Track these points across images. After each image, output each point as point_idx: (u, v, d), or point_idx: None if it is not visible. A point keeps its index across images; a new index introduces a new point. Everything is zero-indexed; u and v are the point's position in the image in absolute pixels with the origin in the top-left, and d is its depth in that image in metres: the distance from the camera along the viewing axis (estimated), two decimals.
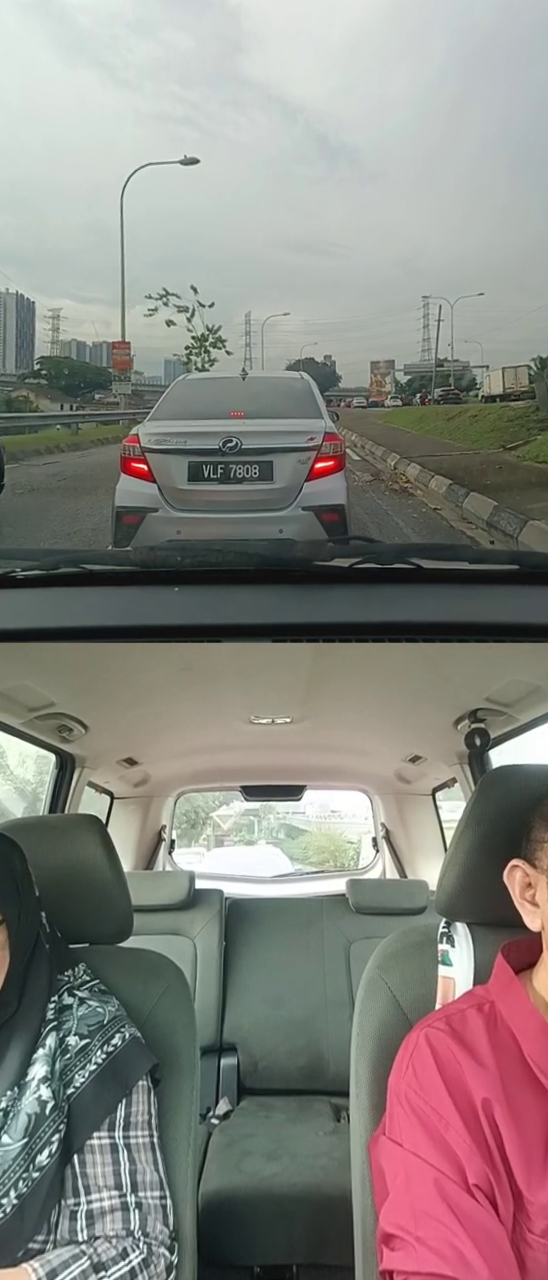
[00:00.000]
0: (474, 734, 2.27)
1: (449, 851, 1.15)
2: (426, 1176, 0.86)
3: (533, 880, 0.96)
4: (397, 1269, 0.84)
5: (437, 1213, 0.83)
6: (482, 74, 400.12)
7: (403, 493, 10.52)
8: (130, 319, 55.64)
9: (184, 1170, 1.17)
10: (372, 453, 16.45)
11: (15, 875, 1.13)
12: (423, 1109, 0.90)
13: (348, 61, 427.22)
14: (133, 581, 1.26)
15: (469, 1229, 0.82)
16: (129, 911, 1.34)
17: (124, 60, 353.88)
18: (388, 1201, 0.89)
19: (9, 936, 1.09)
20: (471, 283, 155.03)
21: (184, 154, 24.94)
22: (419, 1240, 0.83)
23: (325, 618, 1.15)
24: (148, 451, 4.46)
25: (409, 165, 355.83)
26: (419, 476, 11.50)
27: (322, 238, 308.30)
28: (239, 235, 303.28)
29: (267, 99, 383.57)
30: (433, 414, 25.42)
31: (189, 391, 5.63)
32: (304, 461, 4.42)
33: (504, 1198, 0.86)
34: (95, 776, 2.91)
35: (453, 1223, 0.82)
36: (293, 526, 4.29)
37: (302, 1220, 1.90)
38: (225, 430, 4.46)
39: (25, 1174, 0.99)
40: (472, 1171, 0.85)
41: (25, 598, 1.22)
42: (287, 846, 4.92)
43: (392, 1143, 0.92)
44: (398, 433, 20.96)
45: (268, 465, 4.44)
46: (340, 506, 4.42)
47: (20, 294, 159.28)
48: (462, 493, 9.08)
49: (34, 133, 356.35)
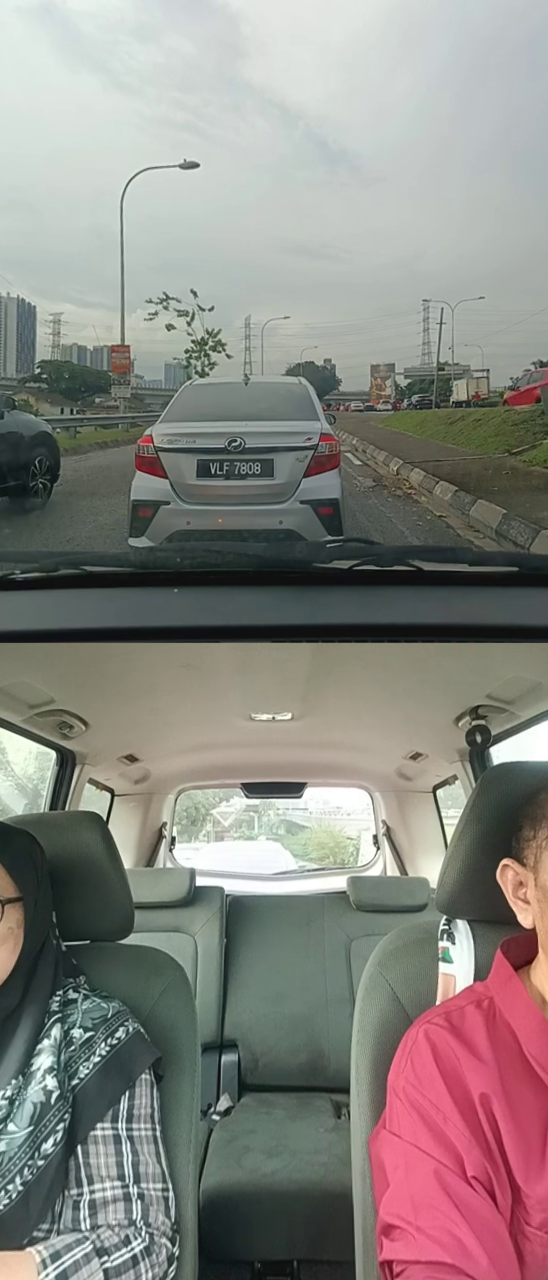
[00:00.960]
0: (475, 731, 2.27)
1: (450, 849, 1.16)
2: (425, 1167, 0.86)
3: (524, 878, 0.97)
4: (396, 1259, 0.85)
5: (436, 1202, 0.84)
6: (483, 78, 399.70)
7: (406, 498, 10.07)
8: (131, 323, 55.63)
9: (185, 1166, 1.18)
10: (373, 457, 15.83)
11: (36, 866, 1.17)
12: (421, 1103, 0.90)
13: (349, 66, 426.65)
14: (132, 583, 1.26)
15: (469, 1218, 0.82)
16: (130, 909, 1.34)
17: (126, 66, 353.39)
18: (388, 1192, 0.90)
19: (25, 919, 1.12)
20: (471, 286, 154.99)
21: (184, 158, 25.02)
22: (419, 1230, 0.83)
23: (325, 619, 1.15)
24: (160, 450, 4.87)
25: (410, 169, 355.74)
26: (423, 482, 10.90)
27: (322, 242, 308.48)
28: (240, 240, 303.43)
29: (267, 104, 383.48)
30: (434, 418, 24.77)
31: (197, 396, 6.06)
32: (302, 459, 4.80)
33: (503, 1190, 0.87)
34: (96, 773, 2.91)
35: (452, 1211, 0.83)
36: (292, 519, 4.71)
37: (302, 1216, 1.91)
38: (230, 431, 4.83)
39: (30, 1161, 1.00)
40: (470, 1164, 0.86)
41: (25, 599, 1.22)
42: (286, 842, 4.94)
43: (391, 1135, 0.93)
44: (399, 437, 20.25)
45: (269, 463, 4.81)
46: (335, 500, 4.81)
47: (21, 298, 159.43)
48: (468, 499, 8.65)
49: (36, 138, 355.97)
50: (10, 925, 1.09)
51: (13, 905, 1.10)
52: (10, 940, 1.09)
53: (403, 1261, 0.84)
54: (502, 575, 1.27)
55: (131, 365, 28.39)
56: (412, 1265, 0.83)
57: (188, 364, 24.32)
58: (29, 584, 1.23)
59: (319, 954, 2.78)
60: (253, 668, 2.05)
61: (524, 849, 0.98)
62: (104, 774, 3.00)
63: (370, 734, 2.83)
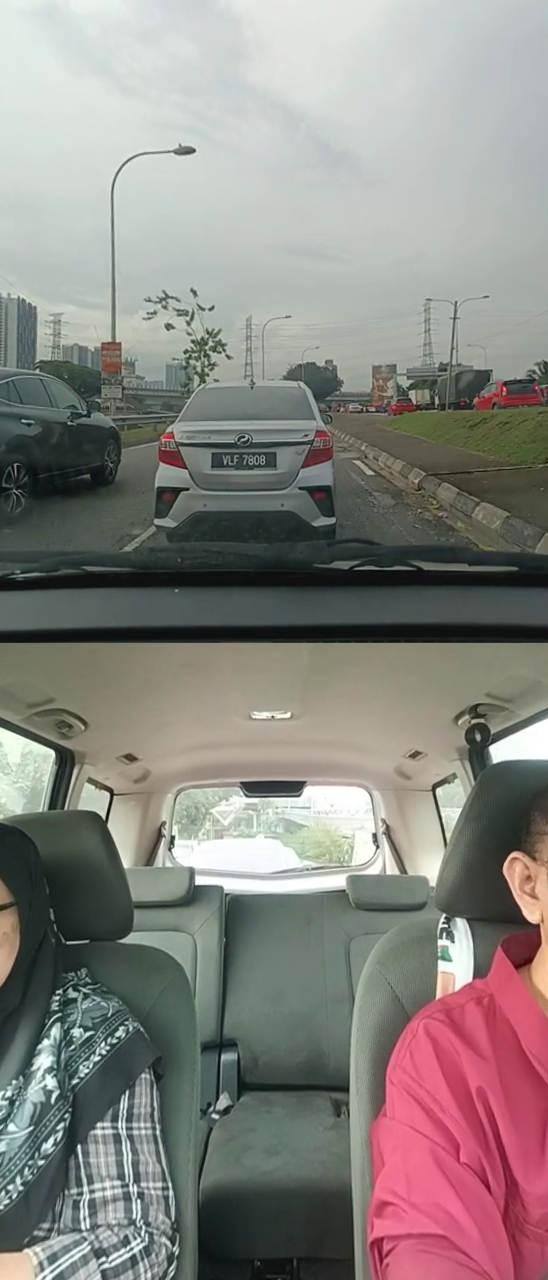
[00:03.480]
0: (475, 729, 2.27)
1: (449, 847, 1.15)
2: (421, 1146, 0.87)
3: (533, 873, 0.96)
4: (387, 1234, 0.85)
5: (430, 1179, 0.84)
6: (484, 78, 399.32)
7: (438, 522, 8.01)
8: (134, 324, 55.04)
9: (185, 1165, 1.18)
10: (388, 467, 13.68)
11: (29, 865, 1.16)
12: (419, 1093, 0.91)
13: (350, 68, 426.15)
14: (133, 583, 1.26)
15: (461, 1194, 0.82)
16: (129, 908, 1.34)
17: (128, 68, 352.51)
18: (384, 1171, 0.90)
19: (20, 922, 1.11)
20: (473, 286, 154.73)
21: (179, 143, 24.17)
22: (412, 1205, 0.83)
23: (325, 620, 1.15)
24: (180, 445, 5.73)
25: (411, 170, 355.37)
26: (457, 502, 8.51)
27: (323, 243, 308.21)
28: (242, 242, 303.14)
29: (269, 106, 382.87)
30: (450, 420, 22.02)
31: (210, 398, 7.11)
32: (300, 452, 5.65)
33: (498, 1183, 0.87)
34: (95, 773, 2.91)
35: (446, 1188, 0.83)
36: (291, 502, 5.60)
37: (302, 1214, 1.91)
38: (239, 428, 5.68)
39: (30, 1161, 1.00)
40: (465, 1152, 0.86)
41: (25, 600, 1.22)
42: (285, 841, 4.96)
43: (389, 1120, 0.94)
44: (413, 442, 17.94)
45: (273, 455, 5.66)
46: (328, 486, 5.71)
47: (22, 299, 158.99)
48: (529, 531, 6.44)
49: (38, 139, 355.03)
50: (5, 930, 1.09)
51: (7, 910, 1.09)
52: (6, 945, 1.09)
53: (394, 1237, 0.84)
54: (502, 575, 1.27)
55: (124, 365, 26.83)
56: (403, 1239, 0.82)
57: (187, 364, 23.94)
58: (29, 584, 1.23)
59: (319, 953, 2.78)
60: (252, 667, 2.05)
61: (537, 843, 0.96)
62: (103, 773, 3.00)
63: (370, 732, 2.83)
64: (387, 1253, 0.84)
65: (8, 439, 7.91)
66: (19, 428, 8.17)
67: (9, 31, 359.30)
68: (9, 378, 8.86)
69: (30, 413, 8.55)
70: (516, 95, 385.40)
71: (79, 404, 10.12)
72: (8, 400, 8.34)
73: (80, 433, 9.65)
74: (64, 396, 9.90)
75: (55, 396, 9.55)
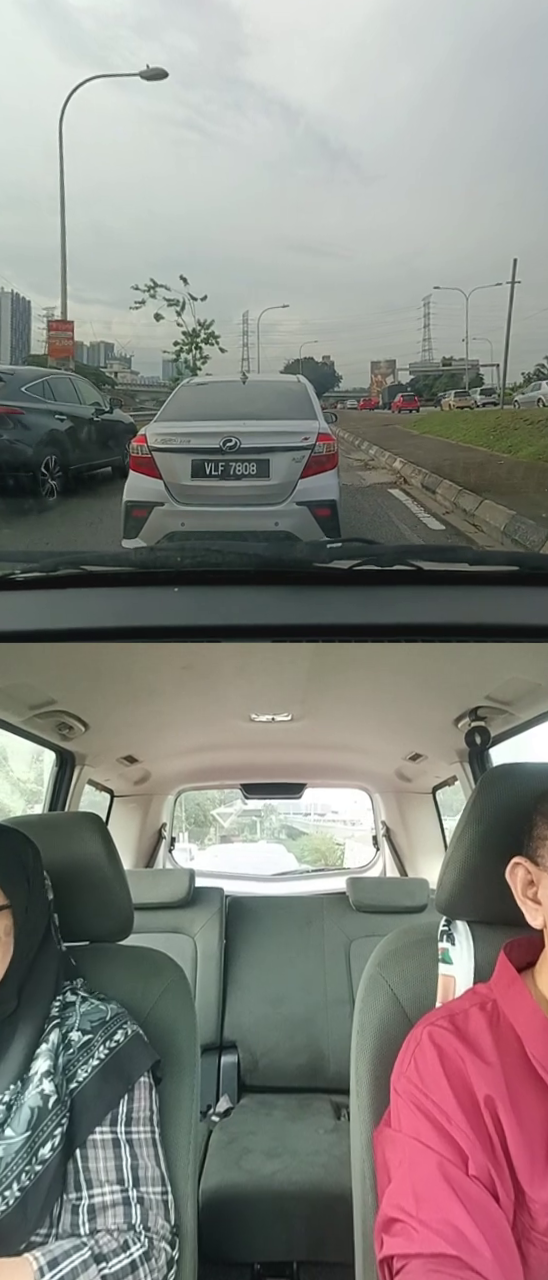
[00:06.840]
0: (475, 732, 2.27)
1: (450, 850, 1.15)
2: (428, 1160, 0.86)
3: (536, 878, 0.95)
4: (397, 1253, 0.84)
5: (439, 1194, 0.83)
6: (483, 73, 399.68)
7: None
8: (132, 318, 54.28)
9: (185, 1167, 1.17)
10: (411, 481, 10.30)
11: (26, 868, 1.14)
12: (425, 1103, 0.90)
13: (349, 63, 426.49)
14: (133, 582, 1.26)
15: (472, 1211, 0.82)
16: (129, 909, 1.34)
17: (126, 62, 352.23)
18: (390, 1186, 0.89)
19: (14, 926, 1.09)
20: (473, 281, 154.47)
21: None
22: (421, 1223, 0.82)
23: (325, 619, 1.15)
24: (154, 450, 4.78)
25: (411, 165, 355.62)
26: None
27: (323, 238, 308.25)
28: (240, 238, 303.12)
29: (268, 101, 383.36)
30: (475, 423, 17.57)
31: (193, 395, 5.95)
32: (299, 460, 4.69)
33: (506, 1193, 0.86)
34: (95, 774, 2.91)
35: (455, 1204, 0.82)
36: (288, 520, 4.60)
37: (302, 1217, 1.91)
38: (225, 430, 4.73)
39: (28, 1167, 1.00)
40: (473, 1164, 0.85)
41: (25, 599, 1.21)
42: (287, 847, 4.96)
43: (394, 1132, 0.93)
44: (442, 447, 14.02)
45: (265, 463, 4.70)
46: (332, 502, 4.70)
47: (16, 293, 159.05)
48: None
49: (34, 132, 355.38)
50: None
51: (1, 913, 1.08)
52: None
53: (404, 1256, 0.83)
54: (502, 575, 1.27)
55: (119, 361, 24.70)
56: (413, 1259, 0.82)
57: (177, 357, 22.21)
58: (29, 584, 1.23)
59: (319, 955, 2.77)
60: (253, 669, 2.05)
61: (539, 848, 0.96)
62: (104, 775, 3.00)
63: (370, 735, 2.83)
64: (397, 1271, 0.83)
65: (44, 433, 8.47)
66: (53, 423, 8.74)
67: (5, 24, 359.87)
68: (43, 377, 9.39)
69: (62, 409, 9.10)
70: (516, 90, 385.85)
71: (102, 401, 10.69)
72: (43, 398, 8.88)
73: (104, 428, 10.15)
74: (89, 394, 10.46)
75: (82, 394, 10.12)
